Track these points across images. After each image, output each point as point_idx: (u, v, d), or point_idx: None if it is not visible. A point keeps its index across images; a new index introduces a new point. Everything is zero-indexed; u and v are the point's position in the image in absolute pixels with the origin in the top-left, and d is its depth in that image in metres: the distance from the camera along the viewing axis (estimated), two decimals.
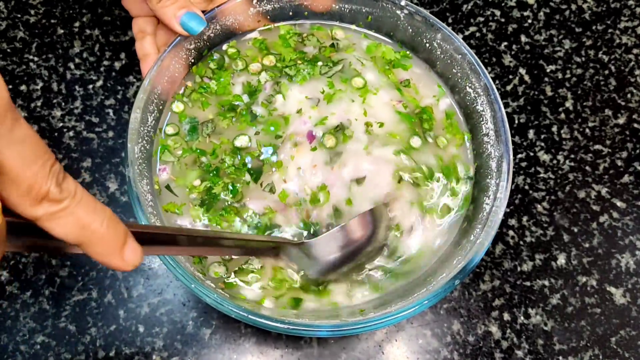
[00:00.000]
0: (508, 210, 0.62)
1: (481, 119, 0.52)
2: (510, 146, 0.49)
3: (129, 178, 0.46)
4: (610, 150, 0.66)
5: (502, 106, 0.50)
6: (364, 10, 0.58)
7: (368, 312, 0.45)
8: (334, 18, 0.59)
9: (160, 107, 0.53)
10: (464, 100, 0.55)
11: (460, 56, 0.53)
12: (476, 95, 0.53)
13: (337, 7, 0.58)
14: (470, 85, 0.53)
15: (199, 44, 0.55)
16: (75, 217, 0.31)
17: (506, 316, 0.58)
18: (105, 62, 0.68)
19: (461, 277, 0.44)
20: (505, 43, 0.71)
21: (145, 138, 0.51)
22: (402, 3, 0.55)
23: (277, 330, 0.42)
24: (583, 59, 0.71)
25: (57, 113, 0.65)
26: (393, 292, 0.49)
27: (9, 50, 0.68)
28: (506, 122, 0.50)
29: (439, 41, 0.55)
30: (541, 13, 0.73)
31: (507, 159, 0.49)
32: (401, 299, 0.45)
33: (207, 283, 0.44)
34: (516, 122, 0.67)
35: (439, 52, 0.56)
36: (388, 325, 0.43)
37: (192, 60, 0.56)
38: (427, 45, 0.56)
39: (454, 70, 0.55)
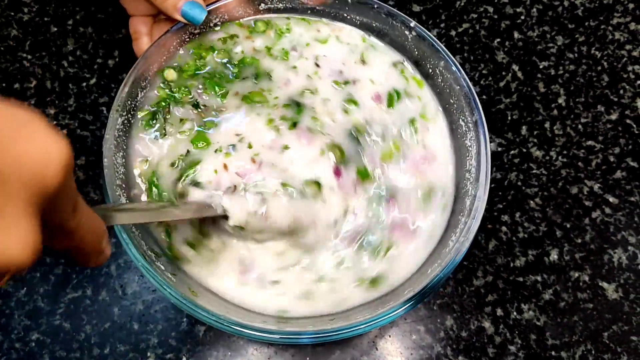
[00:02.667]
0: (501, 206, 0.62)
1: (467, 154, 0.52)
2: (488, 188, 0.48)
3: (104, 146, 0.47)
4: (602, 146, 0.66)
5: (489, 146, 0.50)
6: (374, 25, 0.57)
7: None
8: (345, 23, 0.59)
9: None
10: (457, 133, 0.54)
11: (458, 87, 0.52)
12: (467, 130, 0.52)
13: (348, 16, 0.58)
14: (463, 118, 0.53)
15: (203, 29, 0.56)
16: None
17: (499, 311, 0.58)
18: (99, 60, 0.68)
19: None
20: (498, 39, 0.71)
21: (131, 112, 0.51)
22: (412, 24, 0.54)
23: (257, 338, 0.42)
24: (576, 55, 0.71)
25: (51, 111, 0.65)
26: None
27: (2, 48, 0.68)
28: (489, 163, 0.49)
29: (441, 68, 0.54)
30: (534, 9, 0.74)
31: (481, 200, 0.48)
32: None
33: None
34: (509, 118, 0.67)
35: (440, 80, 0.55)
36: (374, 328, 0.44)
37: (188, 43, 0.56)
38: (431, 70, 0.56)
39: (451, 100, 0.54)
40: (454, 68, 0.52)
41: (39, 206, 0.25)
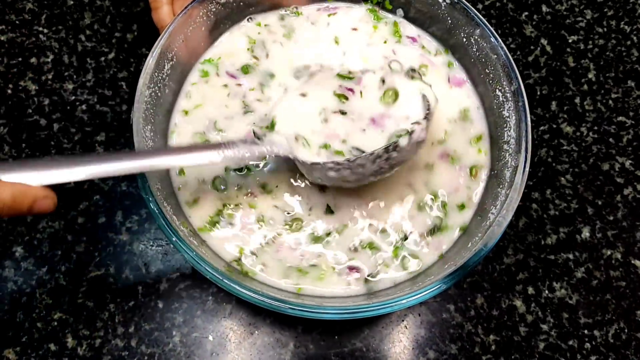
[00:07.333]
0: (531, 183, 0.61)
1: (505, 125, 0.50)
2: (529, 159, 0.46)
3: (132, 119, 0.46)
4: (633, 121, 0.64)
5: (529, 115, 0.48)
6: None
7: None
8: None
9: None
10: (492, 104, 0.52)
11: (495, 56, 0.50)
12: (504, 100, 0.50)
13: None
14: (500, 88, 0.50)
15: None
16: None
17: (530, 290, 0.57)
18: (117, 34, 0.66)
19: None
20: (526, 13, 0.70)
21: (158, 85, 0.49)
22: None
23: (282, 311, 0.41)
24: (605, 29, 0.69)
25: (69, 86, 0.63)
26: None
27: (17, 22, 0.66)
28: (530, 132, 0.47)
29: (476, 37, 0.52)
30: None
31: (522, 172, 0.46)
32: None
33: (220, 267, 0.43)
34: (538, 93, 0.65)
35: (474, 49, 0.53)
36: (414, 303, 0.42)
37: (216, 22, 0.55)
38: (464, 40, 0.54)
39: (486, 70, 0.52)
40: (490, 36, 0.51)
41: None
